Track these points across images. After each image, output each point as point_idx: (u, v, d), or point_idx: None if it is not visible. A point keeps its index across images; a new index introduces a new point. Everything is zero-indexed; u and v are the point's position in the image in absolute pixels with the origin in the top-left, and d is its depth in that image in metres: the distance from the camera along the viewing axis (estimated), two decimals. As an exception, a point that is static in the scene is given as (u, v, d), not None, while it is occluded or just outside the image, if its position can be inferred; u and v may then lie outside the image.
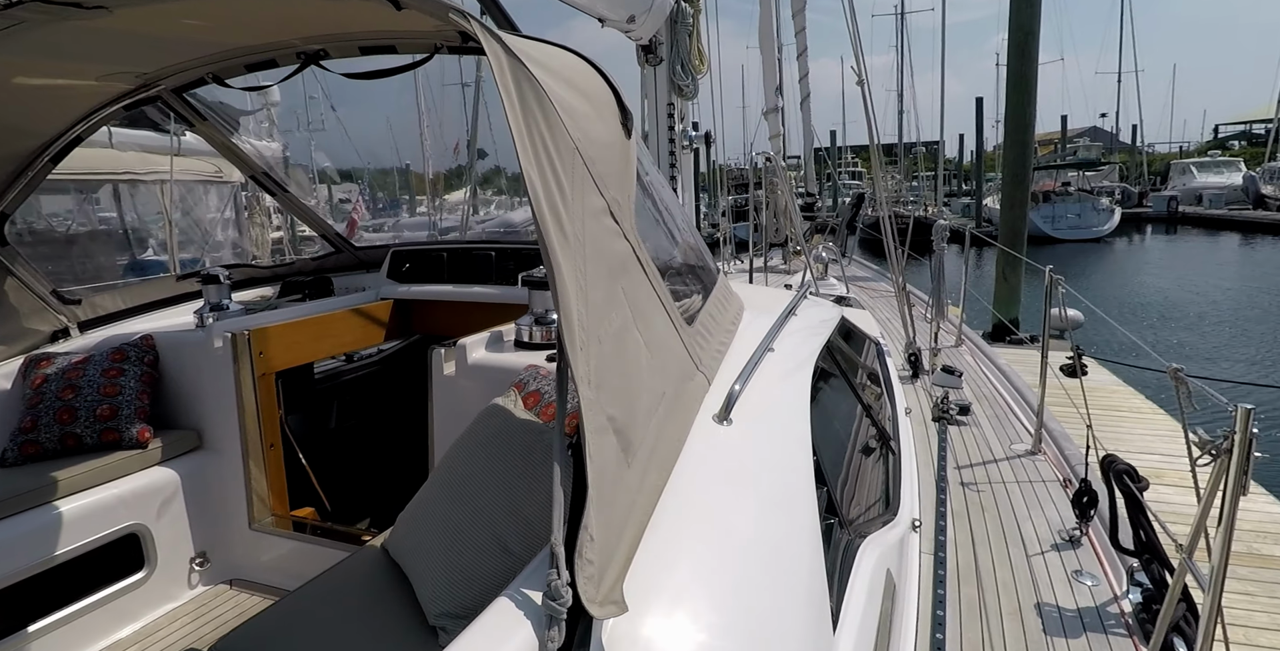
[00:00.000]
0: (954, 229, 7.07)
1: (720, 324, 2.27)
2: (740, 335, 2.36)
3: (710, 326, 2.14)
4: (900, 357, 4.81)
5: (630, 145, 1.80)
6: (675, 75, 5.15)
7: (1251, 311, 15.45)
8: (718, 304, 2.35)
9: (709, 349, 2.01)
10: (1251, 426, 1.71)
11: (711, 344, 2.07)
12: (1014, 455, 3.74)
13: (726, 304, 2.46)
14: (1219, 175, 41.67)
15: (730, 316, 2.44)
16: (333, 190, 20.39)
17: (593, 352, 1.18)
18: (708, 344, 2.02)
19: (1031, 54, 9.71)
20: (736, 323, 2.46)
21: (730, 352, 2.16)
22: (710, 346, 2.05)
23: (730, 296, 2.58)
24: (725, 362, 2.02)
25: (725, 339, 2.25)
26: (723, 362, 2.05)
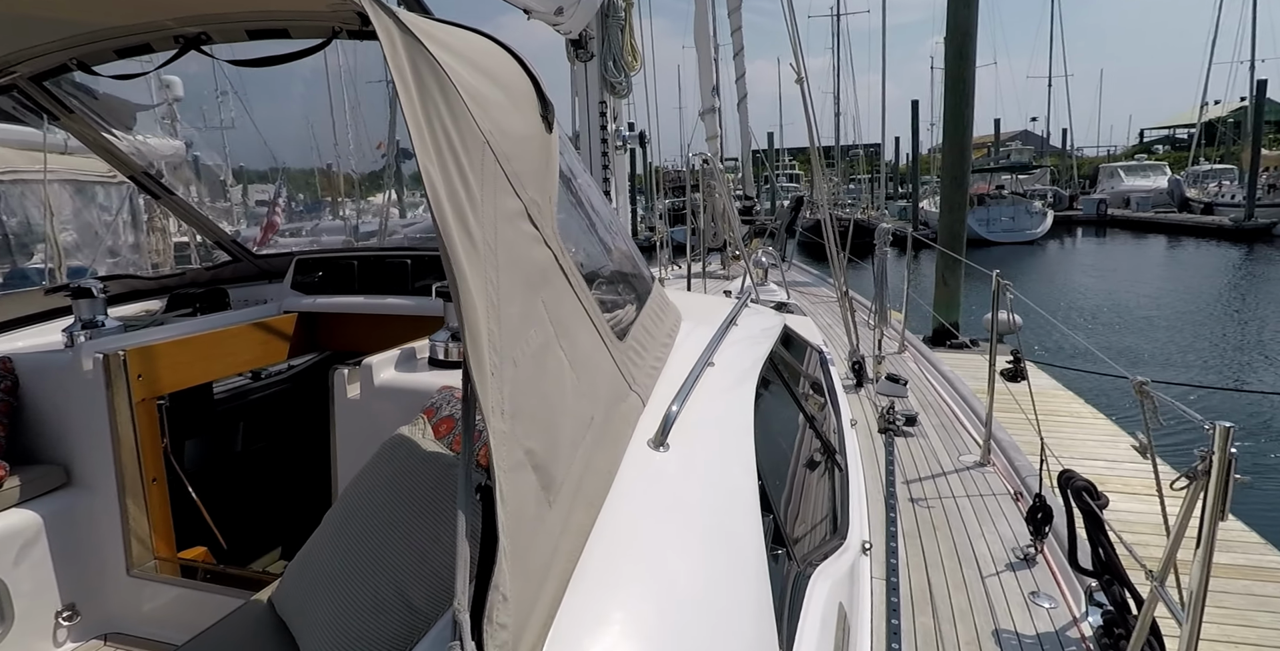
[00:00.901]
0: (895, 232, 7.12)
1: (656, 337, 2.14)
2: (678, 348, 2.24)
3: (645, 340, 2.01)
4: (844, 366, 4.76)
5: (552, 140, 1.65)
6: (607, 72, 5.03)
7: (1186, 314, 16.14)
8: (653, 315, 2.22)
9: (643, 366, 1.85)
10: (1231, 446, 1.64)
11: (646, 360, 1.94)
12: (963, 467, 3.70)
13: (663, 315, 2.34)
14: (1145, 179, 43.76)
15: (667, 328, 2.31)
16: (250, 192, 19.56)
17: (507, 377, 1.05)
18: (642, 360, 1.87)
19: (969, 56, 9.92)
20: (674, 335, 2.34)
21: (667, 368, 2.04)
22: (645, 363, 1.90)
23: (667, 306, 2.45)
24: (662, 380, 1.88)
25: (661, 353, 2.12)
26: (659, 380, 1.89)
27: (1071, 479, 2.52)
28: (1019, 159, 42.54)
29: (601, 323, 1.58)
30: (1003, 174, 38.18)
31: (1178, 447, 7.89)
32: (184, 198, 3.58)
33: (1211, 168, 41.47)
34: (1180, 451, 7.60)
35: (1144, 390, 2.03)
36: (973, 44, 10.01)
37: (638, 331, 1.97)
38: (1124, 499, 5.46)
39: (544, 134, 1.59)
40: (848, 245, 7.26)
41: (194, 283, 3.42)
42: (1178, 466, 5.24)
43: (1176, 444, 8.07)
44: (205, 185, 14.73)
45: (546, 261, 1.38)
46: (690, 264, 5.49)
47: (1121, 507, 5.33)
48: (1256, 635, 4.16)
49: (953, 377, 4.88)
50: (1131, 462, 6.10)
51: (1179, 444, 7.98)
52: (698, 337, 2.37)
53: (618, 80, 5.07)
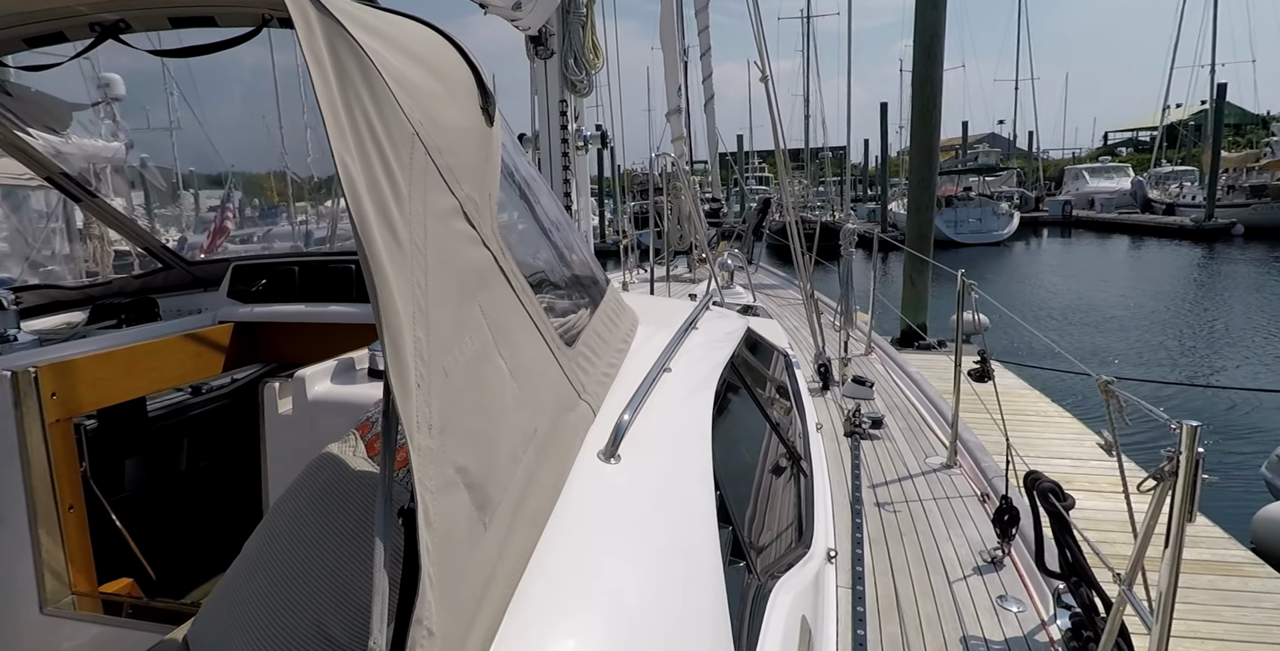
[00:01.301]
0: (861, 234, 7.13)
1: (609, 343, 2.08)
2: (633, 354, 2.18)
3: (597, 346, 1.95)
4: (810, 369, 4.74)
5: (493, 135, 1.58)
6: (568, 70, 4.96)
7: (1152, 313, 16.44)
8: (606, 320, 2.16)
9: (594, 373, 1.79)
10: (1198, 445, 1.62)
11: (598, 367, 1.87)
12: (929, 469, 3.69)
13: (617, 319, 2.28)
14: (1109, 180, 44.66)
15: (621, 333, 2.25)
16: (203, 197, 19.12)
17: (435, 389, 0.98)
18: (593, 367, 1.80)
19: (937, 57, 10.01)
20: (629, 340, 2.28)
21: (621, 375, 1.97)
22: (596, 370, 1.83)
23: (622, 310, 2.39)
24: (615, 387, 1.82)
25: (615, 360, 2.06)
26: (611, 388, 1.83)
27: (1037, 480, 2.50)
28: (986, 161, 43.17)
29: (548, 328, 1.52)
30: (970, 176, 38.72)
31: (1144, 446, 8.01)
32: (123, 202, 3.43)
33: (1173, 169, 42.45)
34: (1147, 449, 7.69)
35: (1109, 389, 2.01)
36: (940, 45, 10.10)
37: (589, 337, 1.91)
38: (1091, 497, 5.51)
39: (484, 127, 1.53)
40: (814, 247, 7.27)
41: (121, 292, 3.25)
42: (1144, 464, 5.30)
43: (1143, 442, 8.20)
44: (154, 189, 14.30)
45: (485, 263, 1.31)
46: (654, 267, 5.43)
47: (1089, 506, 5.37)
48: (1223, 630, 4.20)
49: (919, 379, 4.88)
50: (1098, 461, 6.16)
51: (1146, 442, 8.10)
52: (655, 342, 2.31)
53: (579, 78, 5.01)
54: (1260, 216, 31.36)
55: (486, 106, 1.55)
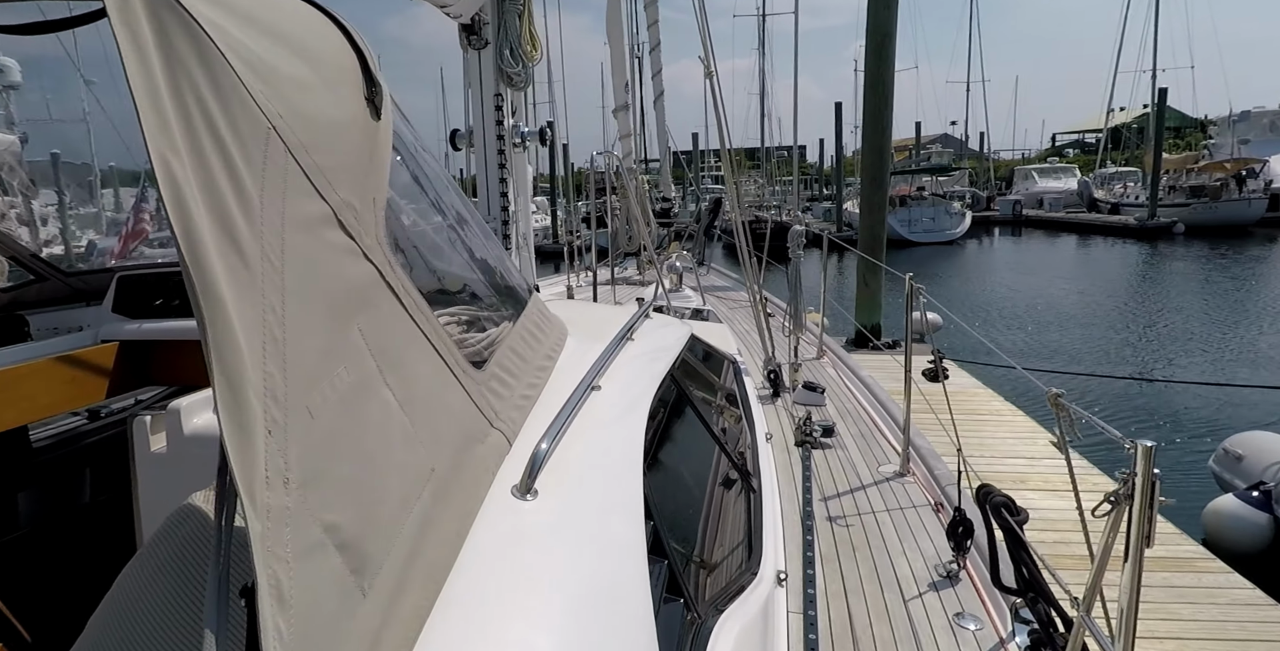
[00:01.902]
0: (813, 233, 7.03)
1: (530, 360, 1.88)
2: (559, 372, 2.00)
3: (514, 366, 1.73)
4: (760, 375, 4.58)
5: (381, 130, 1.38)
6: (503, 61, 4.74)
7: (1103, 310, 16.71)
8: (527, 335, 1.96)
9: (511, 396, 1.61)
10: (1153, 466, 1.47)
11: (515, 389, 1.66)
12: (882, 478, 3.54)
13: (541, 333, 2.08)
14: (1058, 180, 45.69)
15: (546, 348, 2.06)
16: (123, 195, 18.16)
17: (295, 434, 0.83)
18: (509, 390, 1.62)
19: (888, 57, 9.96)
20: (554, 356, 2.09)
21: (544, 396, 1.76)
22: (514, 392, 1.64)
23: (548, 323, 2.20)
24: (536, 411, 1.65)
25: (537, 379, 1.87)
26: (533, 412, 1.66)
27: (990, 494, 2.35)
28: (939, 161, 43.84)
29: (450, 349, 1.35)
30: (923, 176, 39.25)
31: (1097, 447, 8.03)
32: (26, 202, 3.09)
33: (1117, 170, 43.54)
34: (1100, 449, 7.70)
35: (1059, 403, 1.87)
36: (892, 45, 10.07)
37: (505, 356, 1.70)
38: (1045, 497, 5.45)
39: (368, 121, 1.32)
40: (765, 248, 7.13)
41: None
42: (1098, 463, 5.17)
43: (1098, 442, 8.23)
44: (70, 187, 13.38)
45: (367, 279, 1.14)
46: (596, 271, 5.22)
47: (1044, 506, 5.30)
48: (1179, 628, 4.14)
49: (871, 383, 4.75)
50: (1050, 459, 6.12)
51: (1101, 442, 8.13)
52: (585, 358, 2.13)
53: (515, 71, 4.78)
54: (1199, 216, 32.29)
55: (373, 97, 1.34)
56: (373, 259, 1.15)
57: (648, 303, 3.02)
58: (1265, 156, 33.84)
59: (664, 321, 3.42)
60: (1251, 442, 6.30)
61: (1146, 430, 8.47)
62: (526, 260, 5.47)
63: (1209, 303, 16.85)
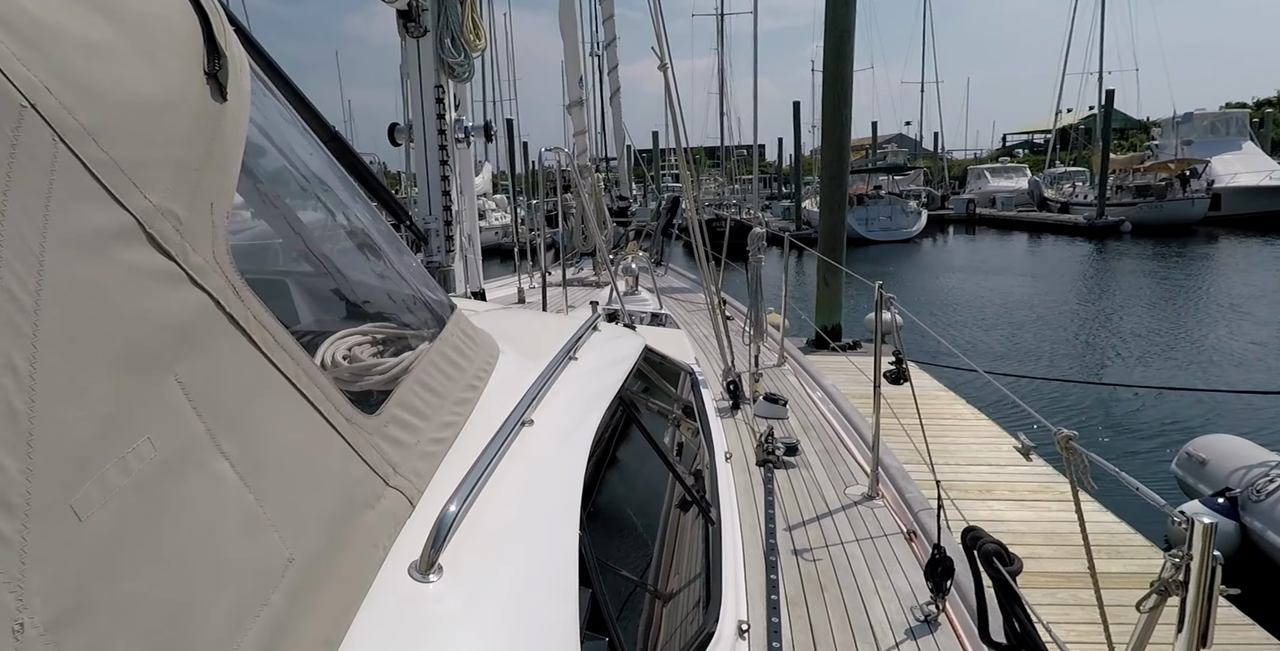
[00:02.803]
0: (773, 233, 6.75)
1: (447, 393, 1.55)
2: (485, 403, 1.66)
3: (424, 402, 1.41)
4: (719, 386, 4.27)
5: (230, 114, 1.04)
6: (443, 51, 4.36)
7: (1058, 309, 16.76)
8: (444, 362, 1.63)
9: (417, 443, 1.31)
10: (1212, 546, 1.18)
11: (425, 432, 1.36)
12: (850, 501, 3.25)
13: (463, 358, 1.75)
14: (1009, 180, 46.31)
15: (469, 377, 1.72)
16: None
17: (41, 552, 0.61)
18: (416, 434, 1.32)
19: (847, 55, 9.73)
20: (480, 384, 1.76)
21: (462, 437, 1.45)
22: (422, 437, 1.33)
23: (473, 344, 1.87)
24: (451, 458, 1.36)
25: (454, 416, 1.53)
26: (445, 459, 1.35)
27: (979, 540, 2.06)
28: (895, 161, 44.16)
29: (327, 393, 1.08)
30: (880, 175, 39.42)
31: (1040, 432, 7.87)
32: None
33: (1065, 170, 44.22)
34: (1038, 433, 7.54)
35: (1071, 447, 1.58)
36: (850, 42, 9.84)
37: (411, 391, 1.38)
38: (1012, 507, 5.23)
39: (207, 102, 0.98)
40: (725, 247, 6.83)
41: None
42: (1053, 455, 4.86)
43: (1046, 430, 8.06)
44: None
45: (194, 311, 0.86)
46: (546, 274, 4.87)
47: (1010, 517, 5.09)
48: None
49: (835, 393, 4.47)
50: (1016, 466, 5.91)
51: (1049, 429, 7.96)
52: (518, 383, 1.80)
53: (457, 61, 4.41)
54: (1145, 215, 32.87)
55: (216, 72, 0.99)
56: (205, 284, 0.87)
57: (596, 313, 2.68)
58: (1207, 157, 34.55)
59: (615, 333, 3.09)
60: (1215, 446, 6.15)
61: (1108, 432, 8.36)
62: (473, 263, 5.12)
63: (1160, 301, 17.02)
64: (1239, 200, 32.87)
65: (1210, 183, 33.28)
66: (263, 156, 1.40)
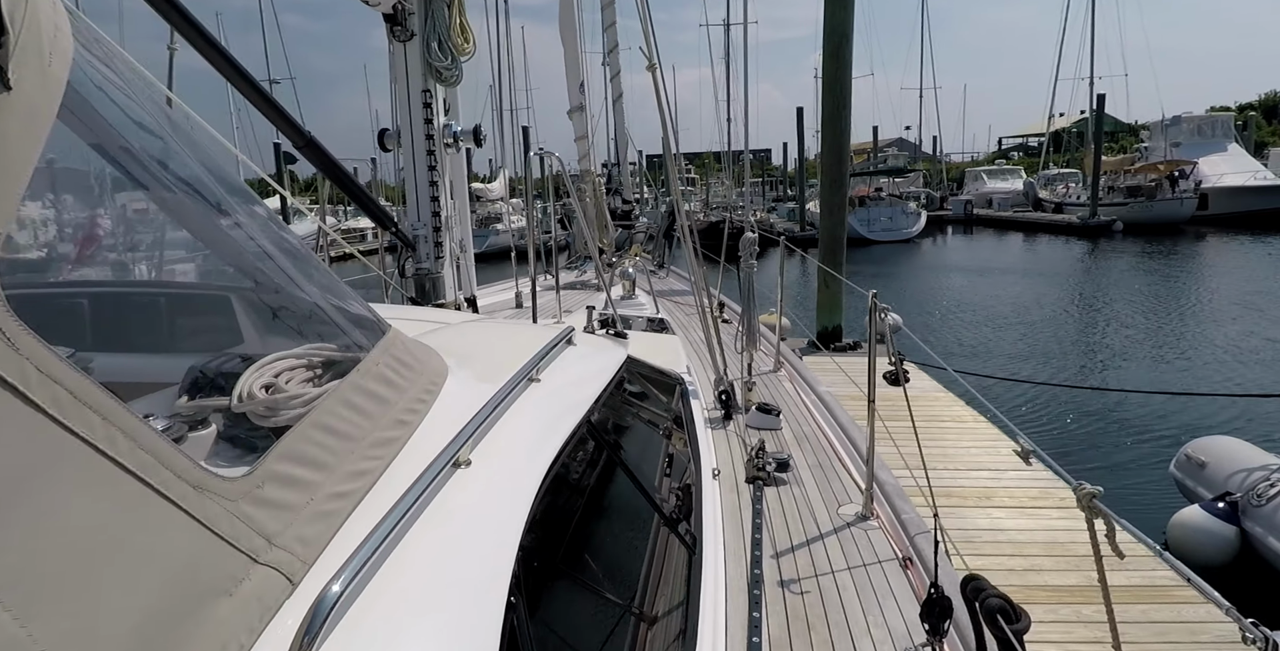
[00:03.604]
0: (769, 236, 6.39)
1: (362, 433, 1.23)
2: (417, 441, 1.34)
3: (324, 450, 1.12)
4: (711, 395, 3.92)
5: (21, 106, 0.72)
6: (430, 55, 4.04)
7: (1054, 310, 16.27)
8: (359, 396, 1.30)
9: (309, 503, 1.02)
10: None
11: (322, 488, 1.06)
12: (842, 523, 2.90)
13: (391, 388, 1.45)
14: (1005, 181, 45.54)
15: (398, 410, 1.43)
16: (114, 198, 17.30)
17: None
18: (308, 491, 1.03)
19: (846, 59, 9.32)
20: (412, 417, 1.47)
21: (377, 489, 1.15)
22: (315, 495, 1.04)
23: (406, 370, 1.55)
24: (358, 517, 1.07)
25: (370, 463, 1.21)
26: (352, 516, 1.07)
27: (981, 591, 1.71)
28: (895, 163, 43.49)
29: (165, 458, 0.80)
30: (881, 177, 38.81)
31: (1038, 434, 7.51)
32: None
33: (1058, 172, 43.44)
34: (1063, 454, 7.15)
35: (1094, 506, 1.23)
36: (849, 47, 9.43)
37: (305, 438, 1.09)
38: (1012, 516, 4.85)
39: None
40: (723, 249, 6.48)
41: None
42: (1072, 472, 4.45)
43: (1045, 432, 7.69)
44: None
45: None
46: (536, 280, 4.54)
47: (1010, 526, 4.71)
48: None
49: (830, 402, 4.10)
50: (1016, 471, 5.52)
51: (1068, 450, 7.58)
52: (462, 412, 1.48)
53: (444, 65, 4.07)
54: (1136, 214, 32.17)
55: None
56: None
57: (567, 328, 2.34)
58: (1194, 158, 33.77)
59: (593, 345, 2.74)
60: (1214, 448, 5.74)
61: (1102, 432, 7.93)
62: (465, 269, 4.81)
63: (1156, 299, 16.46)
64: (1225, 200, 32.13)
65: (1198, 183, 32.53)
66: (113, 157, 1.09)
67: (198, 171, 1.29)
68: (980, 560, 4.15)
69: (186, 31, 3.01)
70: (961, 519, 4.63)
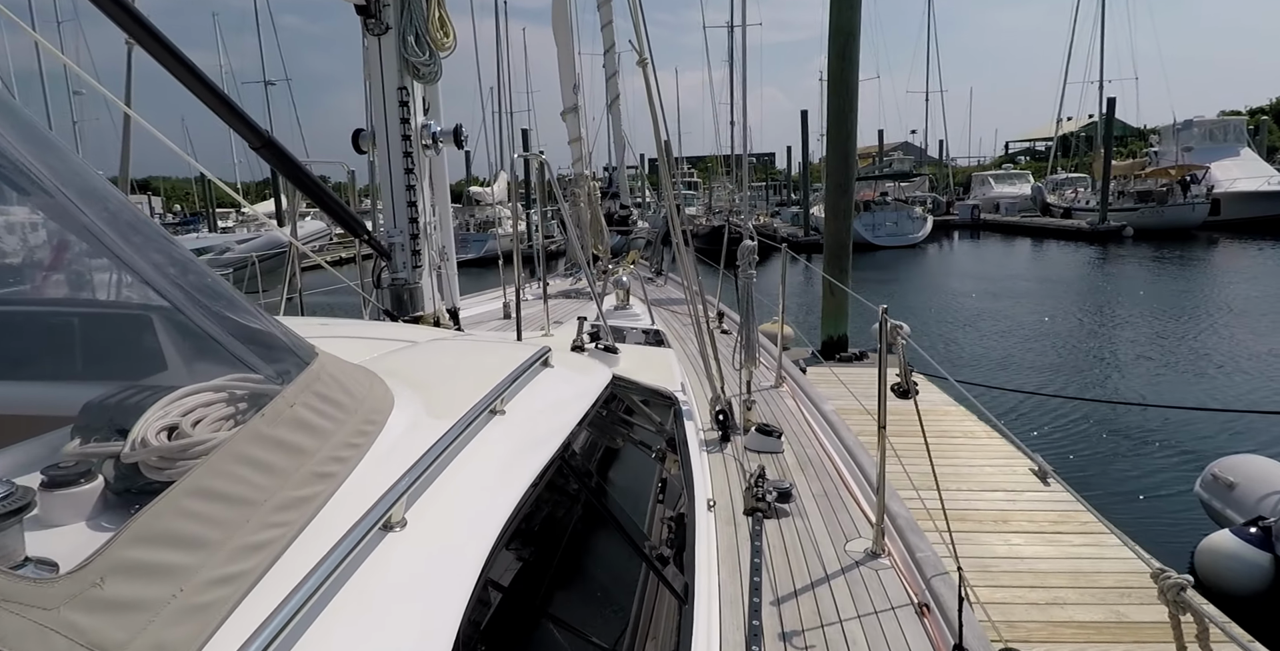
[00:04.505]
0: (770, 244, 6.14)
1: (263, 496, 1.01)
2: (344, 495, 1.13)
3: (202, 524, 0.90)
4: (708, 415, 3.66)
5: None
6: (407, 49, 3.80)
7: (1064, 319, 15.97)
8: (263, 448, 1.07)
9: (174, 597, 0.79)
10: None
11: (198, 574, 0.84)
12: (851, 561, 2.63)
13: (306, 434, 1.21)
14: (1012, 186, 45.21)
15: (317, 460, 1.16)
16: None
17: None
18: (171, 582, 0.81)
19: (852, 57, 9.08)
20: (337, 466, 1.19)
21: (281, 565, 0.95)
22: (186, 583, 0.82)
23: (335, 408, 1.33)
24: (249, 606, 0.86)
25: (270, 533, 0.99)
26: (238, 610, 0.85)
27: None
28: (900, 167, 43.20)
29: None
30: (886, 181, 38.55)
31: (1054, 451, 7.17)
32: None
33: (1067, 176, 43.11)
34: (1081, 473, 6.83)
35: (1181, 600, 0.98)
36: (855, 46, 9.20)
37: (175, 510, 0.87)
38: (1031, 542, 4.56)
39: None
40: (723, 255, 6.23)
41: None
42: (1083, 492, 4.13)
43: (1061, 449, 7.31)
44: None
45: None
46: (520, 289, 4.29)
47: (1029, 553, 4.41)
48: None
49: (836, 422, 3.84)
50: (1033, 491, 5.25)
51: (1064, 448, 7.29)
52: (399, 457, 1.25)
53: (421, 61, 3.84)
54: (1147, 220, 31.84)
55: None
56: None
57: (540, 352, 2.09)
58: (1206, 163, 33.47)
59: (575, 368, 2.48)
60: (1244, 468, 5.44)
61: (1123, 450, 7.63)
62: (447, 279, 4.56)
63: (1172, 308, 16.12)
64: (1238, 205, 31.82)
65: (1210, 188, 32.22)
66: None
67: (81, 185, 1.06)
68: (999, 592, 3.88)
69: (130, 27, 2.78)
70: (978, 545, 4.36)
